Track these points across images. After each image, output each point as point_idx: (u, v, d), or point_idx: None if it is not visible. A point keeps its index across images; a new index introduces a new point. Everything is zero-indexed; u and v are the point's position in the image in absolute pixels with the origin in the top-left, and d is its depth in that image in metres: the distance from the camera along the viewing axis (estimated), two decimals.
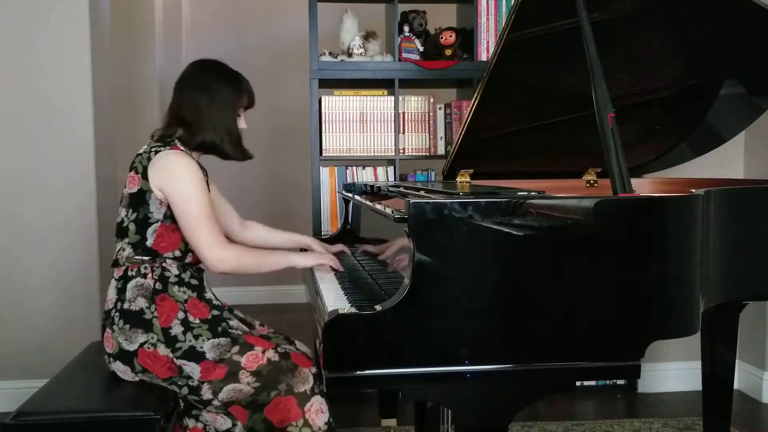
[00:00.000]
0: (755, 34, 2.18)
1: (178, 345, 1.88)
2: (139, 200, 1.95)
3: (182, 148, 2.01)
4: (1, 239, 3.08)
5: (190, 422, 1.99)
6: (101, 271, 3.12)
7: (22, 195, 3.07)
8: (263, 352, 1.91)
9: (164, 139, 2.02)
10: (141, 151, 2.00)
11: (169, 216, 1.95)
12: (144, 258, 1.95)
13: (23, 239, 3.08)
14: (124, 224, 1.97)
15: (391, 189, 2.15)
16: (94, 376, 2.00)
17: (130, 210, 1.96)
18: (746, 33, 2.20)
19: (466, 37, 3.23)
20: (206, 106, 2.01)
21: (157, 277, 1.94)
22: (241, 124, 2.10)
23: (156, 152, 1.96)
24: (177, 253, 1.98)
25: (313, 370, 1.93)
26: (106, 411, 1.81)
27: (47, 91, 3.06)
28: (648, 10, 2.15)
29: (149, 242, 1.95)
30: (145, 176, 1.94)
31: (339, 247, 2.37)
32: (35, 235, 3.08)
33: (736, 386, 3.15)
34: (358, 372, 1.44)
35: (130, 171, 1.98)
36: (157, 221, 1.95)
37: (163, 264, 1.96)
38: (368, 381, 1.47)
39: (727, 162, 3.17)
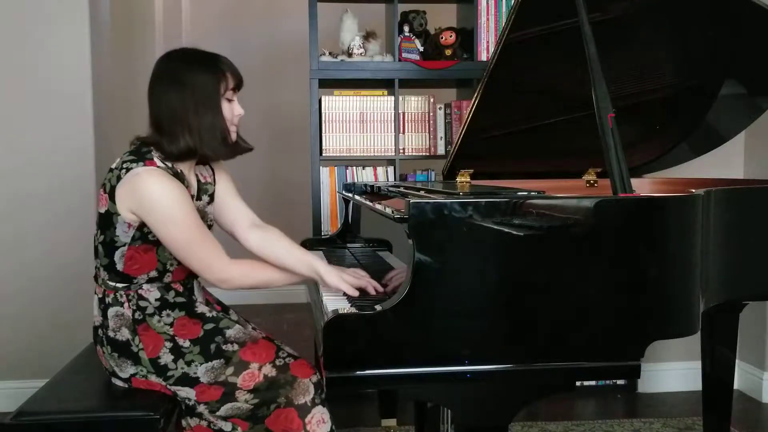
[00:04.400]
0: (755, 34, 2.18)
1: (169, 373, 1.81)
2: (107, 222, 1.79)
3: (159, 163, 1.77)
4: (1, 240, 3.07)
5: (193, 421, 1.95)
6: None
7: (22, 196, 3.07)
8: (260, 368, 1.81)
9: (139, 151, 1.80)
10: (113, 166, 1.80)
11: (139, 237, 1.78)
12: (118, 285, 1.83)
13: (23, 240, 3.07)
14: (95, 243, 1.86)
15: (391, 189, 2.15)
16: (94, 376, 2.00)
17: (99, 231, 1.83)
18: (746, 33, 2.20)
19: (466, 37, 3.23)
20: (180, 104, 1.76)
21: (134, 307, 1.83)
22: (237, 109, 1.85)
23: (127, 170, 1.75)
24: (153, 273, 1.83)
25: (314, 379, 1.85)
26: (106, 411, 1.81)
27: (47, 91, 3.06)
28: (648, 11, 2.15)
29: (119, 267, 1.81)
30: (112, 197, 1.76)
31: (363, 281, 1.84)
32: (35, 236, 3.08)
33: (736, 386, 3.15)
34: (358, 372, 1.44)
35: (101, 188, 1.81)
36: (124, 245, 1.79)
37: (139, 291, 1.83)
38: (368, 381, 1.47)
39: (727, 162, 3.17)
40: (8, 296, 3.08)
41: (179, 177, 1.82)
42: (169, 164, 1.81)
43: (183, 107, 1.76)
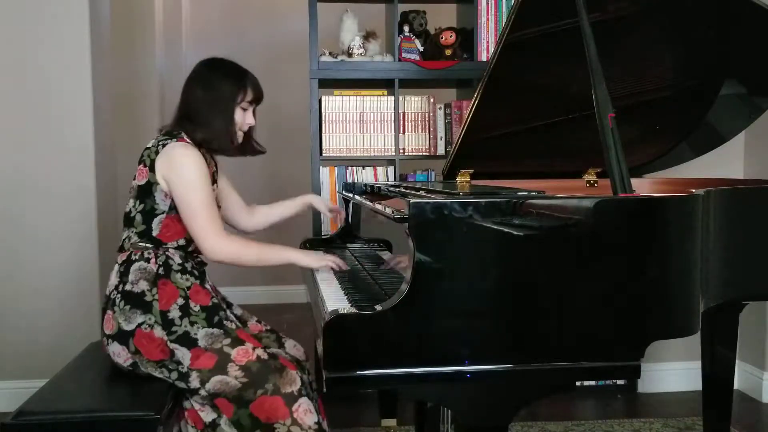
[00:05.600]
0: (755, 34, 2.18)
1: (173, 329, 1.92)
2: (146, 192, 2.00)
3: (188, 140, 2.04)
4: (1, 240, 3.08)
5: (186, 404, 2.00)
6: (101, 272, 3.12)
7: (22, 195, 3.07)
8: (253, 349, 1.94)
9: (171, 133, 2.05)
10: (149, 145, 2.04)
11: (174, 207, 2.00)
12: (148, 245, 2.00)
13: (23, 240, 3.08)
14: (132, 214, 2.02)
15: (391, 189, 2.15)
16: (94, 376, 2.00)
17: (138, 201, 2.02)
18: (746, 33, 2.20)
19: (466, 37, 3.23)
20: (203, 101, 2.05)
21: (161, 263, 1.98)
22: (248, 119, 2.12)
23: (163, 145, 2.00)
24: (181, 242, 2.03)
25: (300, 373, 1.95)
26: (106, 411, 1.81)
27: (47, 91, 3.06)
28: (648, 10, 2.15)
29: (155, 232, 2.00)
30: (152, 168, 1.99)
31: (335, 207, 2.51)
32: (35, 235, 3.08)
33: (736, 386, 3.15)
34: (358, 372, 1.44)
35: (139, 164, 2.03)
36: (162, 212, 2.00)
37: (167, 252, 2.01)
38: (368, 381, 1.47)
39: (727, 162, 3.17)
40: (8, 296, 3.08)
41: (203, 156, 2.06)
42: (193, 144, 2.05)
43: (204, 105, 2.05)
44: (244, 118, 2.11)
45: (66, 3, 3.05)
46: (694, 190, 1.72)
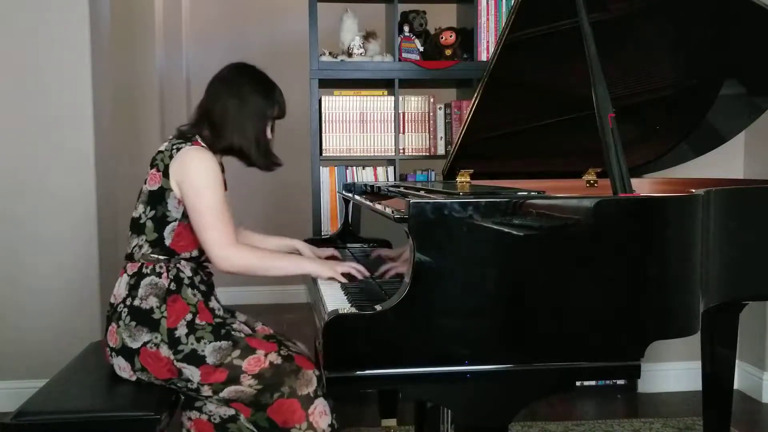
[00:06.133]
0: (755, 34, 2.18)
1: (180, 347, 1.86)
2: (159, 198, 1.94)
3: (203, 144, 1.99)
4: (2, 240, 3.08)
5: (193, 414, 2.00)
6: (101, 272, 3.12)
7: (22, 196, 3.07)
8: (265, 355, 1.89)
9: (185, 136, 2.00)
10: (162, 148, 1.98)
11: (187, 214, 1.94)
12: (160, 257, 1.94)
13: (23, 240, 3.07)
14: (141, 221, 1.96)
15: (391, 189, 2.15)
16: (94, 376, 2.00)
17: (148, 207, 1.95)
18: (746, 33, 2.20)
19: (466, 37, 3.23)
20: (235, 112, 2.00)
21: (172, 277, 1.93)
22: (268, 134, 2.09)
23: (178, 149, 1.95)
24: (194, 252, 1.98)
25: (317, 372, 1.91)
26: (106, 411, 1.81)
27: (47, 91, 3.06)
28: (648, 10, 2.15)
29: (167, 241, 1.94)
30: (166, 174, 1.93)
31: (329, 251, 2.30)
32: (35, 235, 3.08)
33: (736, 386, 3.15)
34: (358, 372, 1.44)
35: (151, 168, 1.97)
36: (175, 220, 1.94)
37: (178, 264, 1.95)
38: (368, 381, 1.47)
39: (727, 162, 3.17)
40: (9, 296, 3.08)
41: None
42: (208, 149, 2.00)
43: (237, 116, 2.00)
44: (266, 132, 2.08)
45: (66, 3, 3.05)
46: (694, 190, 1.72)
